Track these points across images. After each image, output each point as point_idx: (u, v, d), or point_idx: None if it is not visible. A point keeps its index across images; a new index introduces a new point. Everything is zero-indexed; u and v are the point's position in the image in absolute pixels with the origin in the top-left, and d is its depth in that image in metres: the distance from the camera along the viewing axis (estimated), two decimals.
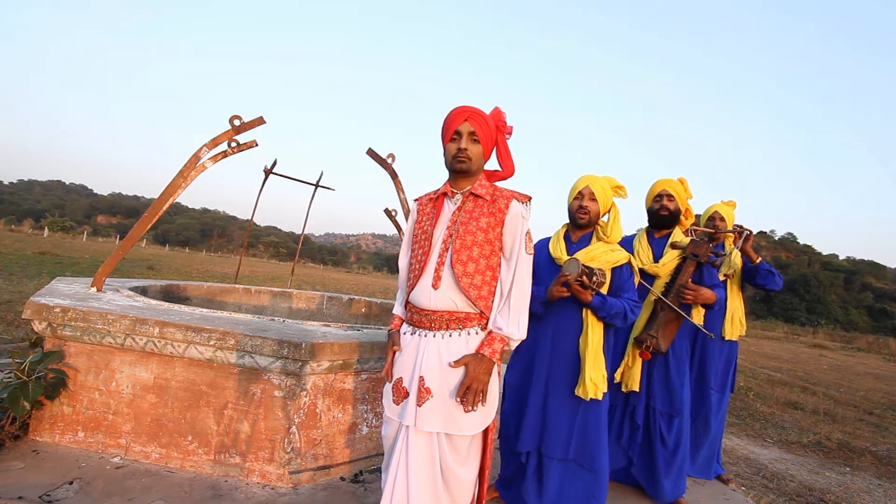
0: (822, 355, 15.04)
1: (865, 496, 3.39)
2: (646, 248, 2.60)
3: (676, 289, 2.40)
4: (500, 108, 1.63)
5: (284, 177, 4.69)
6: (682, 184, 2.62)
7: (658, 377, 2.49)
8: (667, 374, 2.48)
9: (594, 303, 1.99)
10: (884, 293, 47.91)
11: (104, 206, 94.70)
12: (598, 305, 1.99)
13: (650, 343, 2.34)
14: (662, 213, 2.58)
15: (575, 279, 1.90)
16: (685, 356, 2.53)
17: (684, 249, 2.46)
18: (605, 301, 2.00)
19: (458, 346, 1.51)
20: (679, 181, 2.62)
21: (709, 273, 2.47)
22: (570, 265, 1.94)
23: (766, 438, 4.60)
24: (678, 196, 2.58)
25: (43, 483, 1.93)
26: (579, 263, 1.92)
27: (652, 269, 2.51)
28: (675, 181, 2.61)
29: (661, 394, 2.47)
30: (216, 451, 2.21)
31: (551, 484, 2.09)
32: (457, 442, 1.51)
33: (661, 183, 2.61)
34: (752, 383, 7.57)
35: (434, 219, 1.61)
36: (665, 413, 2.46)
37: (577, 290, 1.94)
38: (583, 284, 1.93)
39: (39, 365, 2.20)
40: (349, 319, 4.52)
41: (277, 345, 2.12)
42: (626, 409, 2.55)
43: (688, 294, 2.36)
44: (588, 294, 1.96)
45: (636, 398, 2.50)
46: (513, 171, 1.66)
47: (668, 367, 2.48)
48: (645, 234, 2.69)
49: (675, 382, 2.46)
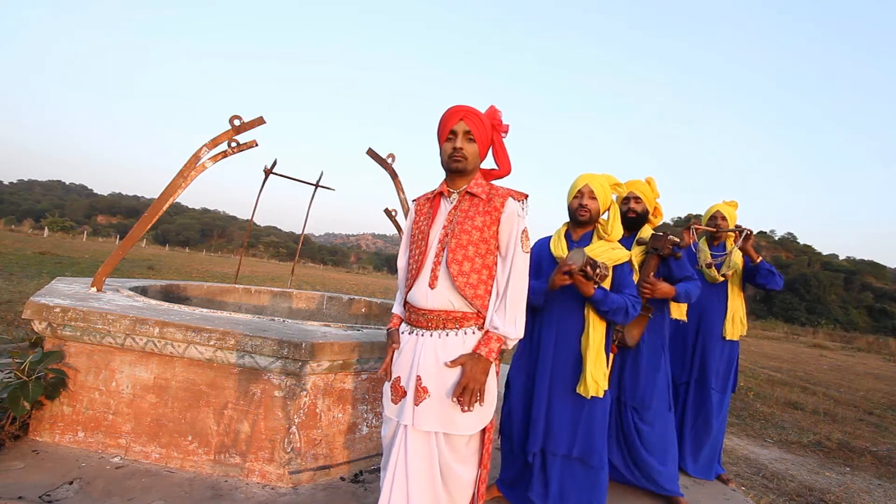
0: (822, 355, 15.04)
1: (865, 496, 3.39)
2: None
3: (637, 284, 2.42)
4: (495, 107, 1.62)
5: (284, 177, 4.70)
6: (649, 184, 2.65)
7: (629, 371, 2.52)
8: (636, 369, 2.50)
9: (596, 296, 1.98)
10: (884, 293, 47.91)
11: (104, 206, 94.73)
12: (600, 299, 1.99)
13: (616, 337, 2.35)
14: (630, 215, 2.62)
15: (579, 269, 1.89)
16: (661, 350, 2.54)
17: (647, 245, 2.49)
18: (607, 295, 2.00)
19: (454, 346, 1.51)
20: (646, 181, 2.65)
21: (678, 266, 2.48)
22: (575, 255, 1.92)
23: (766, 438, 4.60)
24: (645, 197, 2.62)
25: (43, 483, 1.93)
26: (584, 254, 1.90)
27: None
28: (642, 182, 2.64)
29: (631, 387, 2.50)
30: (216, 451, 2.21)
31: (554, 481, 2.10)
32: (455, 441, 1.51)
33: (628, 185, 2.64)
34: (752, 383, 7.58)
35: (431, 218, 1.61)
36: (633, 406, 2.49)
37: (580, 281, 1.93)
38: (586, 275, 1.92)
39: (39, 365, 2.20)
40: (349, 319, 4.52)
41: (277, 345, 2.12)
42: None
43: (645, 288, 2.37)
44: (590, 286, 1.95)
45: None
46: (509, 170, 1.66)
47: (637, 361, 2.50)
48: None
49: (645, 375, 2.48)
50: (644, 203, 2.61)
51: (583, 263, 1.88)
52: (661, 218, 2.74)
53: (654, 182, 2.67)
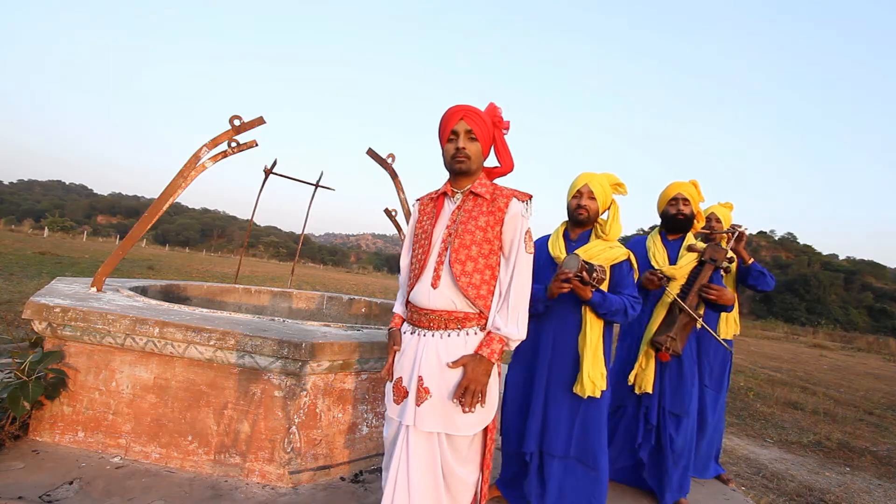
0: (822, 355, 15.03)
1: (865, 496, 3.39)
2: (661, 250, 2.61)
3: (698, 290, 2.38)
4: (495, 104, 1.61)
5: (284, 177, 4.70)
6: (694, 186, 2.61)
7: (670, 378, 2.49)
8: (680, 376, 2.48)
9: (594, 299, 1.98)
10: (884, 293, 47.90)
11: (104, 206, 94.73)
12: (599, 302, 1.99)
13: (669, 345, 2.34)
14: (679, 217, 2.58)
15: (575, 275, 1.89)
16: (694, 357, 2.54)
17: (702, 253, 2.46)
18: (605, 298, 1.99)
19: (456, 346, 1.50)
20: (691, 184, 2.61)
21: (717, 278, 2.48)
22: (569, 261, 1.93)
23: (766, 438, 4.60)
24: (692, 200, 2.58)
25: (43, 483, 1.93)
26: (579, 259, 1.91)
27: (669, 271, 2.49)
28: (688, 184, 2.60)
29: (672, 395, 2.48)
30: (216, 451, 2.21)
31: (552, 482, 2.09)
32: (457, 442, 1.51)
33: (676, 186, 2.60)
34: (752, 383, 7.57)
35: (434, 218, 1.61)
36: (674, 414, 2.46)
37: (577, 287, 1.93)
38: (582, 280, 1.92)
39: (39, 365, 2.20)
40: (349, 319, 4.52)
41: (277, 345, 2.12)
42: (640, 409, 2.55)
43: (711, 293, 2.34)
44: (588, 290, 1.95)
45: (649, 399, 2.50)
46: (512, 167, 1.66)
47: (681, 368, 2.48)
48: (658, 236, 2.69)
49: (686, 383, 2.47)
50: (692, 206, 2.58)
51: (578, 269, 1.89)
52: (702, 222, 2.70)
53: (698, 185, 2.63)
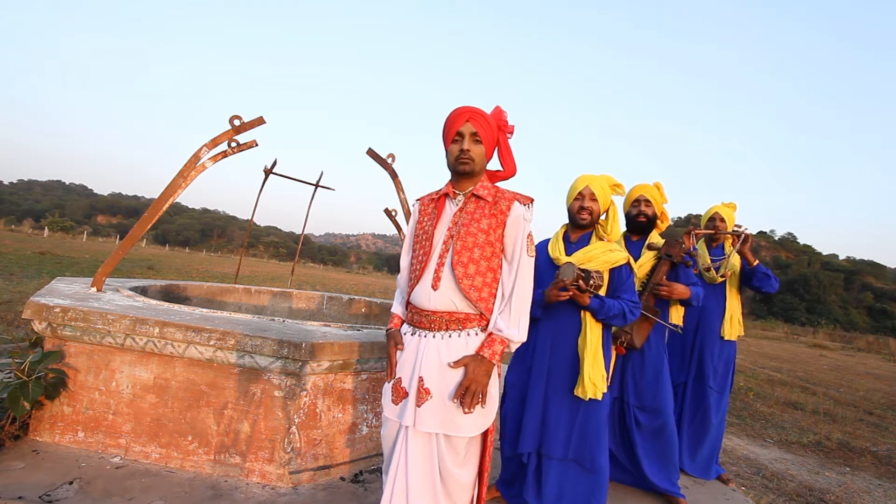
0: (822, 355, 15.03)
1: (865, 496, 3.39)
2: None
3: (651, 287, 2.47)
4: (500, 108, 1.62)
5: (284, 177, 4.70)
6: (657, 189, 2.67)
7: (632, 372, 2.54)
8: (641, 370, 2.52)
9: (592, 305, 2.00)
10: (884, 293, 47.93)
11: (104, 206, 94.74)
12: (597, 308, 2.00)
13: (624, 339, 2.38)
14: (640, 219, 2.64)
15: (571, 283, 1.91)
16: (663, 352, 2.56)
17: (659, 250, 2.53)
18: (604, 303, 2.00)
19: (457, 347, 1.50)
20: (655, 186, 2.67)
21: (685, 273, 2.54)
22: (565, 269, 1.95)
23: (766, 438, 4.60)
24: (655, 201, 2.63)
25: (43, 483, 1.93)
26: (574, 267, 1.92)
27: None
28: (651, 186, 2.65)
29: (635, 388, 2.52)
30: (216, 451, 2.21)
31: (551, 484, 2.09)
32: (455, 443, 1.51)
33: (639, 188, 2.66)
34: (752, 383, 7.57)
35: (435, 219, 1.61)
36: (638, 407, 2.51)
37: (575, 295, 1.96)
38: (579, 288, 1.93)
39: (39, 365, 2.20)
40: (349, 319, 4.52)
41: (277, 345, 2.12)
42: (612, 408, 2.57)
43: (662, 290, 2.44)
44: (586, 297, 1.97)
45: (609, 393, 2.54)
46: (514, 171, 1.66)
47: (643, 363, 2.52)
48: (623, 239, 2.74)
49: (649, 378, 2.50)
50: (654, 207, 2.63)
51: (574, 277, 1.90)
52: (667, 223, 2.75)
53: (662, 186, 2.69)
